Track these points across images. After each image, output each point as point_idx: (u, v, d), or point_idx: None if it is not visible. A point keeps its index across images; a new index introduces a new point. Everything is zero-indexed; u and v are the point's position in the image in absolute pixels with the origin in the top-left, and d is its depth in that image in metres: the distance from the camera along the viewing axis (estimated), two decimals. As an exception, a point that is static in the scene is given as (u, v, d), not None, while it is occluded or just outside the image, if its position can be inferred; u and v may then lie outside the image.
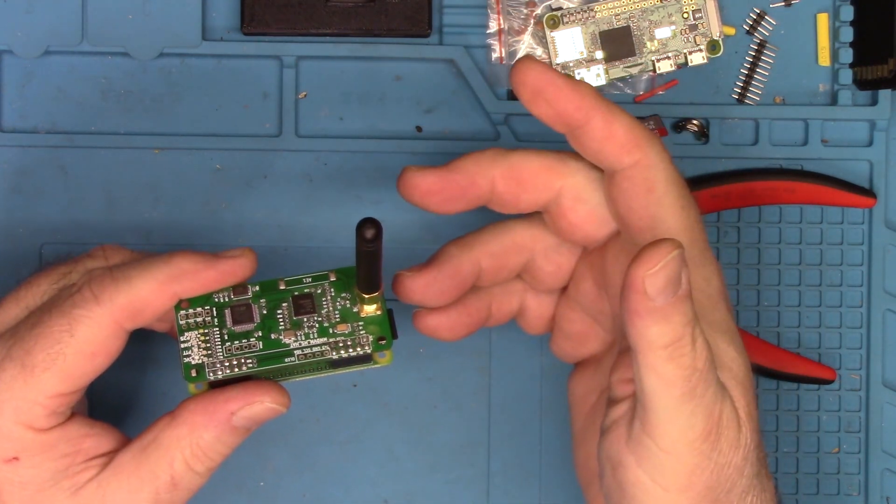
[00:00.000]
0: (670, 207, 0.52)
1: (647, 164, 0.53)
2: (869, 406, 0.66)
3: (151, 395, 0.64)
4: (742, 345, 0.52)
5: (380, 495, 0.65)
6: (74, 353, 0.51)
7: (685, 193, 0.53)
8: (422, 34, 0.64)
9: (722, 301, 0.53)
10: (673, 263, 0.47)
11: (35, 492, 0.52)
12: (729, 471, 0.50)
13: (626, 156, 0.53)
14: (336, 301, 0.53)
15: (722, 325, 0.52)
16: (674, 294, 0.48)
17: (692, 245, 0.52)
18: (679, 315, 0.48)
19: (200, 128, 0.65)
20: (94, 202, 0.64)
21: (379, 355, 0.53)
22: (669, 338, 0.48)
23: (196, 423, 0.52)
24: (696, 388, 0.49)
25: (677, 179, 0.53)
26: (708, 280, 0.53)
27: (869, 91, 0.66)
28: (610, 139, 0.53)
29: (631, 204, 0.53)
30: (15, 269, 0.64)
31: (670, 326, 0.48)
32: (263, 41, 0.64)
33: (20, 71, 0.64)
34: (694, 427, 0.49)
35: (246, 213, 0.65)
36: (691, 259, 0.51)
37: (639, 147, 0.53)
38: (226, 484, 0.65)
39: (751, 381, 0.52)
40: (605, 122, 0.53)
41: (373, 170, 0.65)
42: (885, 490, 0.66)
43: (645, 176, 0.53)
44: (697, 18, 0.65)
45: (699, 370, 0.49)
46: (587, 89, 0.53)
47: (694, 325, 0.48)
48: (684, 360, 0.48)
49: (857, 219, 0.66)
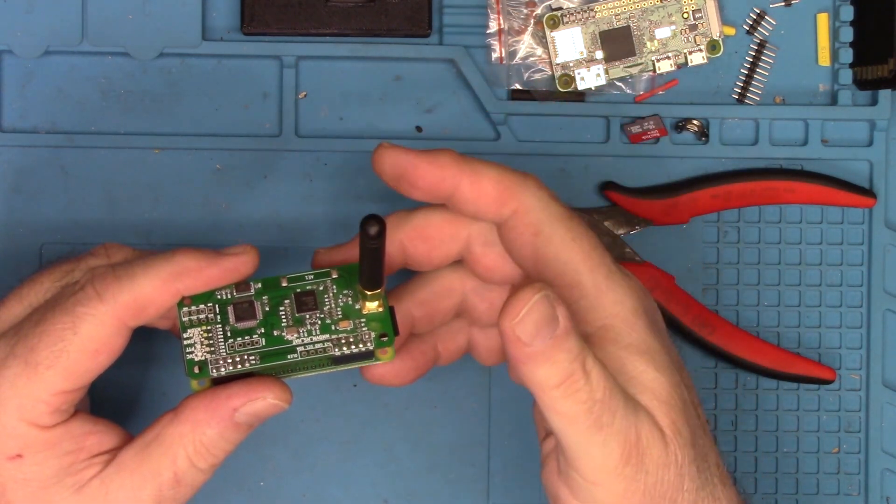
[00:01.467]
0: (560, 244, 0.52)
1: (526, 210, 0.53)
2: (869, 406, 0.66)
3: (154, 392, 0.65)
4: (667, 360, 0.52)
5: (380, 495, 0.65)
6: (78, 351, 0.51)
7: (573, 225, 0.53)
8: (422, 34, 0.64)
9: (640, 320, 0.52)
10: (539, 307, 0.48)
11: (38, 489, 0.52)
12: (663, 488, 0.51)
13: (503, 208, 0.53)
14: (338, 298, 0.53)
15: (640, 345, 0.52)
16: (551, 335, 0.48)
17: (594, 272, 0.52)
18: (563, 353, 0.49)
19: (200, 128, 0.65)
20: (94, 202, 0.64)
21: (381, 352, 0.53)
22: (558, 377, 0.49)
23: (199, 419, 0.52)
24: (600, 418, 0.49)
25: (561, 214, 0.53)
26: (619, 302, 0.52)
27: (869, 91, 0.66)
28: (481, 197, 0.53)
29: (522, 251, 0.53)
30: (15, 269, 0.64)
31: (556, 367, 0.49)
32: (263, 41, 0.64)
33: (20, 71, 0.64)
34: (611, 454, 0.50)
35: (246, 213, 0.65)
36: (595, 286, 0.52)
37: (512, 196, 0.53)
38: (226, 484, 0.65)
39: (678, 396, 0.52)
40: (471, 184, 0.53)
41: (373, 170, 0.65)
42: (885, 490, 0.66)
43: (526, 222, 0.53)
44: (697, 18, 0.65)
45: (599, 401, 0.49)
46: (446, 157, 0.53)
47: (584, 358, 0.49)
48: (580, 395, 0.49)
49: (857, 219, 0.66)
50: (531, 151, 0.65)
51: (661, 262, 0.65)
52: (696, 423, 0.52)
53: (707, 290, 0.66)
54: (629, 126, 0.65)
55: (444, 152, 0.54)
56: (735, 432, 0.66)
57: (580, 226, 0.53)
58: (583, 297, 0.52)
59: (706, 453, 0.53)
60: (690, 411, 0.52)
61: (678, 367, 0.53)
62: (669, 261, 0.66)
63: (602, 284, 0.52)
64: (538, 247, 0.52)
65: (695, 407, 0.53)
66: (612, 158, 0.66)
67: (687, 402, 0.52)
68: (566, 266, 0.52)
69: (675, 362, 0.53)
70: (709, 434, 0.54)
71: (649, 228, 0.65)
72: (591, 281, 0.52)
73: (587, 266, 0.52)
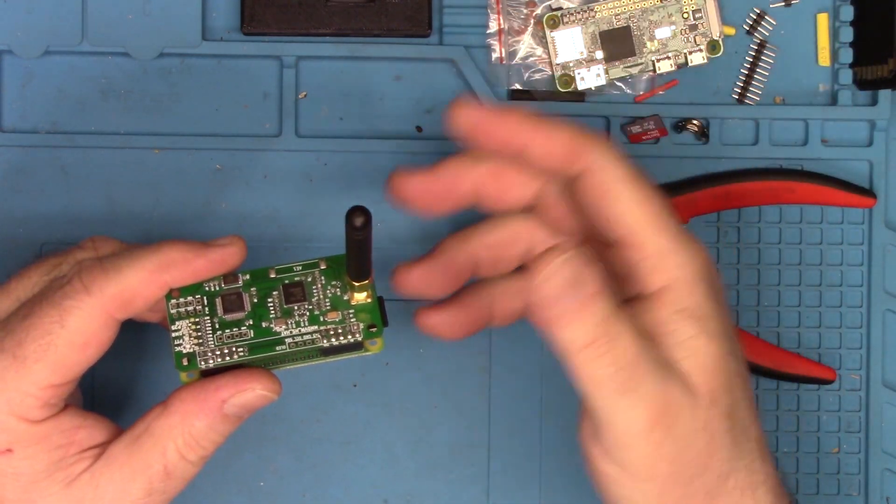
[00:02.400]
0: (628, 204, 0.53)
1: (595, 170, 0.53)
2: (869, 406, 0.66)
3: (146, 386, 0.64)
4: (721, 328, 0.52)
5: (380, 495, 0.65)
6: (66, 344, 0.51)
7: (641, 186, 0.53)
8: (422, 34, 0.64)
9: (700, 284, 0.52)
10: (567, 266, 0.48)
11: (28, 483, 0.52)
12: (692, 455, 0.51)
13: (573, 167, 0.53)
14: (326, 289, 0.53)
15: (695, 310, 0.52)
16: (579, 295, 0.48)
17: (659, 233, 0.52)
18: (590, 316, 0.49)
19: (200, 128, 0.65)
20: (94, 202, 0.64)
21: (370, 343, 0.53)
22: (584, 339, 0.49)
23: (188, 411, 0.52)
24: (626, 382, 0.49)
25: (630, 176, 0.53)
26: (682, 265, 0.52)
27: (869, 91, 0.66)
28: (552, 154, 0.53)
29: (590, 208, 0.54)
30: (15, 269, 0.63)
31: (583, 329, 0.49)
32: (263, 41, 0.64)
33: (20, 71, 0.64)
34: (638, 419, 0.50)
35: (246, 214, 0.65)
36: (659, 248, 0.52)
37: (582, 155, 0.53)
38: (226, 484, 0.65)
39: (723, 366, 0.52)
40: (544, 140, 0.53)
41: (373, 170, 0.65)
42: (885, 490, 0.66)
43: (596, 182, 0.53)
44: (697, 18, 0.65)
45: (626, 366, 0.49)
46: (520, 115, 0.54)
47: (612, 321, 0.49)
48: (606, 359, 0.49)
49: (857, 219, 0.66)
50: (531, 151, 0.65)
51: (661, 262, 0.65)
52: (741, 395, 0.53)
53: (707, 290, 0.66)
54: (629, 126, 0.65)
55: (518, 110, 0.54)
56: (735, 432, 0.66)
57: (648, 188, 0.53)
58: (646, 258, 0.52)
59: (747, 426, 0.53)
60: (736, 382, 0.52)
61: (731, 337, 0.53)
62: (669, 261, 0.66)
63: (666, 246, 0.52)
64: (606, 205, 0.53)
65: (742, 379, 0.53)
66: (612, 158, 0.66)
67: (733, 372, 0.52)
68: (632, 226, 0.52)
69: (728, 332, 0.53)
70: (753, 409, 0.54)
71: (649, 228, 0.65)
72: (655, 242, 0.52)
73: (653, 227, 0.52)
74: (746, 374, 0.54)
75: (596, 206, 0.53)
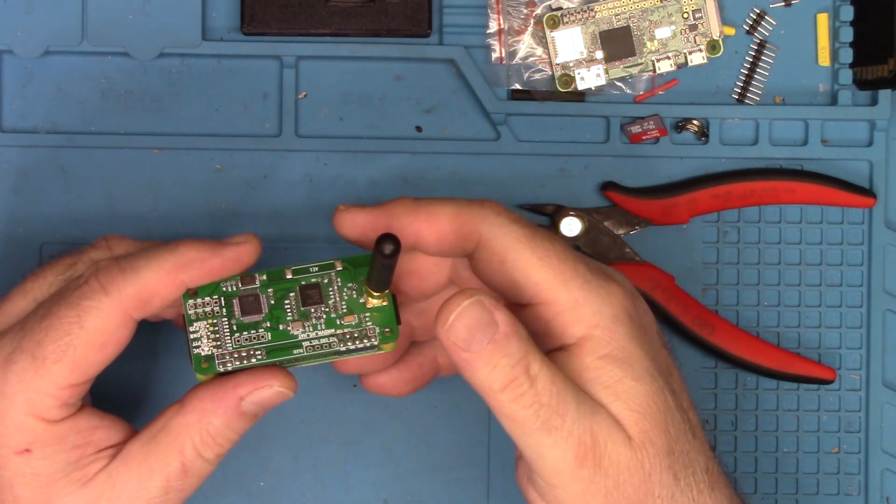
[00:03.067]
0: (528, 266, 0.52)
1: (487, 240, 0.52)
2: (869, 406, 0.66)
3: (158, 386, 0.64)
4: (648, 366, 0.52)
5: (380, 495, 0.65)
6: (84, 344, 0.51)
7: (537, 244, 0.52)
8: (422, 34, 0.64)
9: (620, 327, 0.52)
10: (470, 312, 0.49)
11: (46, 483, 0.52)
12: (627, 492, 0.51)
13: (465, 243, 0.53)
14: (342, 291, 0.53)
15: (618, 354, 0.51)
16: (489, 339, 0.49)
17: (567, 286, 0.52)
18: (504, 357, 0.49)
19: (200, 128, 0.65)
20: (94, 202, 0.64)
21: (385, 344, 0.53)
22: (501, 381, 0.49)
23: (205, 409, 0.53)
24: (548, 421, 0.49)
25: (522, 236, 0.52)
26: (598, 312, 0.52)
27: (869, 91, 0.66)
28: (442, 237, 0.53)
29: (493, 278, 0.53)
30: (15, 269, 0.64)
31: (498, 371, 0.49)
32: (263, 41, 0.64)
33: (20, 71, 0.64)
34: (564, 457, 0.50)
35: (246, 213, 0.65)
36: (571, 300, 0.51)
37: (472, 230, 0.52)
38: (226, 484, 0.65)
39: (656, 404, 0.51)
40: (429, 226, 0.53)
41: (373, 170, 0.65)
42: (885, 490, 0.66)
43: (492, 252, 0.52)
44: (697, 18, 0.65)
45: (547, 404, 0.49)
46: (399, 207, 0.53)
47: (528, 362, 0.49)
48: (525, 399, 0.49)
49: (857, 219, 0.66)
50: (531, 151, 0.65)
51: (661, 262, 0.65)
52: (681, 428, 0.52)
53: (707, 290, 0.66)
54: (629, 126, 0.65)
55: (397, 202, 0.53)
56: (735, 432, 0.66)
57: (545, 242, 0.52)
58: (560, 313, 0.52)
59: (692, 459, 0.52)
60: (673, 417, 0.52)
61: (664, 371, 0.53)
62: (669, 261, 0.66)
63: (578, 297, 0.52)
64: (509, 272, 0.52)
65: (683, 411, 0.53)
66: (612, 158, 0.66)
67: (669, 408, 0.52)
68: (539, 285, 0.52)
69: (660, 367, 0.52)
70: (700, 438, 0.53)
71: (649, 228, 0.65)
72: (566, 296, 0.51)
73: (560, 282, 0.52)
74: (689, 405, 0.54)
75: (500, 274, 0.52)
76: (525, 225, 0.53)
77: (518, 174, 0.65)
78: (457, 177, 0.65)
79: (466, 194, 0.65)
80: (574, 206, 0.65)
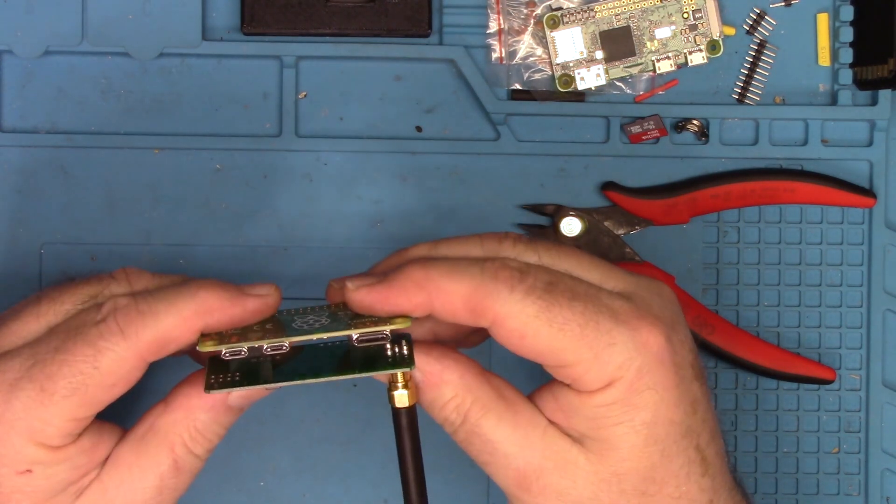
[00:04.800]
0: (549, 338, 0.51)
1: (503, 319, 0.51)
2: (869, 406, 0.66)
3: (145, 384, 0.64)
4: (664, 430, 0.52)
5: (380, 495, 0.65)
6: (96, 385, 0.51)
7: (554, 315, 0.51)
8: (422, 34, 0.64)
9: (646, 375, 0.52)
10: None
11: (44, 499, 0.52)
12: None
13: (481, 320, 0.52)
14: None
15: (633, 401, 0.52)
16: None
17: (592, 346, 0.51)
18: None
19: (200, 128, 0.65)
20: (94, 202, 0.64)
21: None
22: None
23: (191, 405, 0.53)
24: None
25: (540, 309, 0.51)
26: (623, 366, 0.51)
27: (869, 91, 0.66)
28: (457, 314, 0.52)
29: (517, 350, 0.53)
30: (15, 269, 0.64)
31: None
32: (263, 41, 0.64)
33: (20, 71, 0.64)
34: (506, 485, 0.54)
35: (246, 213, 0.65)
36: (596, 359, 0.51)
37: (486, 308, 0.52)
38: (226, 484, 0.65)
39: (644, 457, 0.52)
40: (442, 304, 0.52)
41: (373, 170, 0.65)
42: (885, 490, 0.66)
43: (508, 330, 0.52)
44: (697, 18, 0.65)
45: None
46: (410, 282, 0.52)
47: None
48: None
49: (857, 219, 0.66)
50: (531, 151, 0.65)
51: (661, 262, 0.65)
52: (679, 472, 0.52)
53: (707, 290, 0.66)
54: (629, 126, 0.65)
55: (406, 276, 0.52)
56: (735, 432, 0.66)
57: (564, 309, 0.51)
58: (586, 371, 0.51)
59: (692, 499, 0.53)
60: (667, 468, 0.52)
61: (687, 410, 0.52)
62: (669, 261, 0.66)
63: (604, 356, 0.51)
64: (529, 346, 0.52)
65: (696, 450, 0.53)
66: (612, 158, 0.66)
67: (666, 455, 0.52)
68: (563, 352, 0.51)
69: (683, 406, 0.52)
70: (711, 474, 0.53)
71: (649, 228, 0.65)
72: (590, 356, 0.51)
73: (583, 345, 0.51)
74: (706, 441, 0.53)
75: (522, 348, 0.52)
76: (540, 295, 0.51)
77: (518, 174, 0.65)
78: (457, 177, 0.65)
79: (466, 194, 0.65)
80: (574, 206, 0.65)
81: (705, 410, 0.54)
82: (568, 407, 0.52)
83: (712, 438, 0.54)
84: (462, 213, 0.65)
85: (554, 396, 0.53)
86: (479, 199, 0.65)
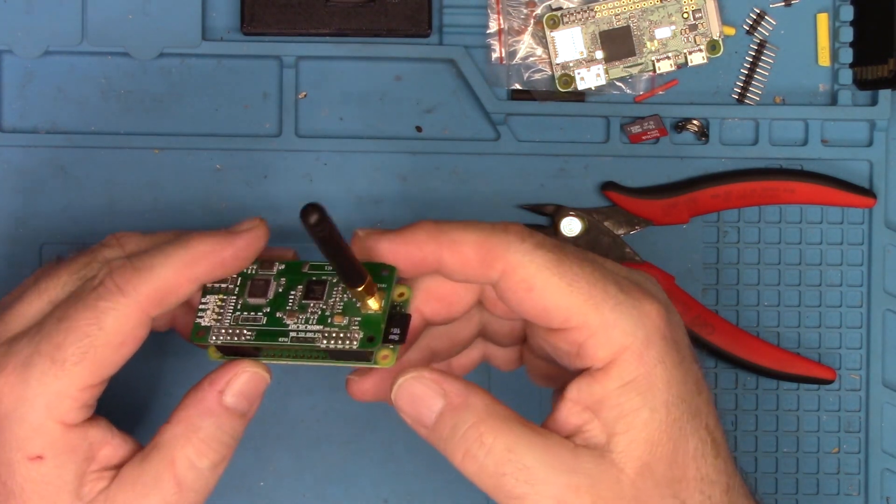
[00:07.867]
0: (557, 293, 0.51)
1: (514, 269, 0.51)
2: (869, 406, 0.66)
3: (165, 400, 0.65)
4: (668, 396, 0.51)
5: (380, 495, 0.65)
6: (104, 345, 0.51)
7: (565, 269, 0.51)
8: (422, 34, 0.64)
9: (650, 350, 0.51)
10: (408, 388, 0.52)
11: (54, 493, 0.52)
12: None
13: (490, 271, 0.52)
14: (345, 293, 0.53)
15: (642, 381, 0.51)
16: (434, 413, 0.52)
17: (598, 308, 0.51)
18: (451, 429, 0.52)
19: (200, 128, 0.65)
20: (94, 202, 0.64)
21: (381, 356, 0.53)
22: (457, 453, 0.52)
23: (190, 416, 0.53)
24: (513, 489, 0.51)
25: (550, 261, 0.51)
26: (630, 333, 0.51)
27: (869, 91, 0.66)
28: (466, 265, 0.52)
29: (522, 306, 0.52)
30: (15, 269, 0.64)
31: (450, 443, 0.52)
32: (263, 41, 0.64)
33: (20, 71, 0.64)
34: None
35: (246, 213, 0.65)
36: (602, 323, 0.51)
37: (497, 258, 0.51)
38: (226, 484, 0.64)
39: (665, 436, 0.51)
40: (452, 254, 0.52)
41: (373, 170, 0.65)
42: (885, 490, 0.66)
43: (517, 281, 0.51)
44: (697, 18, 0.65)
45: (508, 473, 0.51)
46: (421, 233, 0.52)
47: (481, 432, 0.51)
48: (486, 470, 0.51)
49: (857, 219, 0.66)
50: (531, 151, 0.65)
51: (661, 262, 0.65)
52: (697, 452, 0.52)
53: (707, 290, 0.66)
54: (629, 126, 0.65)
55: (419, 227, 0.52)
56: (735, 432, 0.66)
57: (574, 266, 0.51)
58: (592, 335, 0.51)
59: (711, 481, 0.52)
60: (686, 444, 0.51)
61: (692, 391, 0.52)
62: (669, 261, 0.66)
63: (610, 320, 0.51)
64: (535, 300, 0.51)
65: (707, 431, 0.52)
66: (612, 158, 0.66)
67: (684, 435, 0.51)
68: (570, 311, 0.51)
69: (688, 387, 0.52)
70: (723, 456, 0.53)
71: (649, 228, 0.66)
72: (597, 319, 0.51)
73: (590, 306, 0.51)
74: (713, 423, 0.53)
75: (528, 301, 0.51)
76: (551, 249, 0.51)
77: (518, 174, 0.65)
78: (457, 177, 0.65)
79: (466, 194, 0.65)
80: (574, 206, 0.65)
81: (708, 393, 0.53)
82: (590, 398, 0.51)
83: (717, 422, 0.53)
84: (462, 213, 0.65)
85: (573, 400, 0.52)
86: (479, 199, 0.65)
